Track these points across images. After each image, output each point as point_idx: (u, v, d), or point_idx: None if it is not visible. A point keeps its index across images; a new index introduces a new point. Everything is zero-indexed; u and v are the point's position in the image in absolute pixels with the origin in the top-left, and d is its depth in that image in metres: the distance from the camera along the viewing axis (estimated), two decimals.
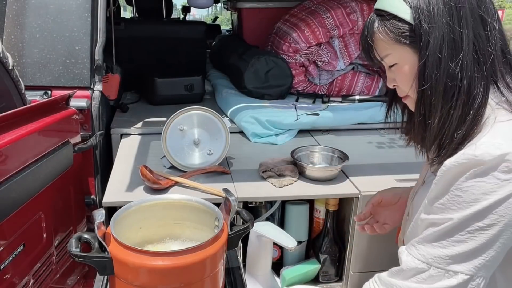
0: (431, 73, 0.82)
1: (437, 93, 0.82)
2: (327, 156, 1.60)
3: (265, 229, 1.31)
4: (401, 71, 0.89)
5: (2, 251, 1.04)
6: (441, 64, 0.81)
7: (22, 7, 1.58)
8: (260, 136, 1.84)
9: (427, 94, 0.84)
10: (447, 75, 0.81)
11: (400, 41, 0.86)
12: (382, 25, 0.88)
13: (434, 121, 0.84)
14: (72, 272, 1.48)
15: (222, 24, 8.26)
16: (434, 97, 0.83)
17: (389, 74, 0.95)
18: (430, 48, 0.82)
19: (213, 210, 0.99)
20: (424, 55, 0.83)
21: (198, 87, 2.27)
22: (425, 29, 0.82)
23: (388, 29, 0.87)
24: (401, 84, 0.91)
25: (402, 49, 0.87)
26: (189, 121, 1.54)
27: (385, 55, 0.90)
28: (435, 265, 0.81)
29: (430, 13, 0.82)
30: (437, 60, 0.81)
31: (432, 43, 0.81)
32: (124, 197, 1.32)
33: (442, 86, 0.82)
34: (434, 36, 0.81)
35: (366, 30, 0.92)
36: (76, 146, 1.48)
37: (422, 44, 0.83)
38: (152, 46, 2.59)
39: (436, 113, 0.83)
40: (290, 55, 2.25)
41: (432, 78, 0.82)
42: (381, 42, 0.89)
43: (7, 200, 1.05)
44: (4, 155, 1.04)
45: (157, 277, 0.83)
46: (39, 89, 1.58)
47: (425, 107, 0.85)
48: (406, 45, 0.86)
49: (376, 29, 0.89)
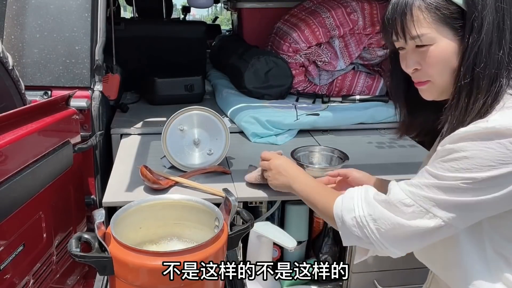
0: (484, 56, 0.82)
1: (487, 77, 0.82)
2: (327, 156, 1.60)
3: (265, 229, 1.31)
4: (434, 53, 0.86)
5: (2, 251, 1.04)
6: (491, 48, 0.82)
7: (22, 7, 1.58)
8: (260, 136, 1.84)
9: (477, 77, 0.83)
10: (493, 61, 0.82)
11: (447, 22, 0.84)
12: (426, 2, 0.85)
13: (478, 106, 0.83)
14: (72, 272, 1.48)
15: (222, 24, 8.25)
16: (483, 82, 0.82)
17: (412, 56, 0.90)
18: (484, 32, 0.81)
19: (213, 210, 0.99)
20: (477, 39, 0.82)
21: (198, 87, 2.27)
22: (479, 12, 0.81)
23: (435, 8, 0.84)
24: (429, 68, 0.88)
25: (444, 30, 0.85)
26: (189, 121, 1.54)
27: (422, 33, 0.86)
28: (419, 203, 0.83)
29: None
30: (489, 44, 0.82)
31: (486, 27, 0.81)
32: (124, 197, 1.32)
33: (490, 71, 0.82)
34: (487, 20, 0.81)
35: (405, 3, 0.87)
36: (76, 146, 1.48)
37: (475, 27, 0.82)
38: (152, 46, 2.59)
39: (481, 98, 0.82)
40: (290, 55, 2.25)
41: (483, 62, 0.82)
42: (421, 20, 0.86)
43: (7, 200, 1.05)
44: (4, 155, 1.04)
45: (157, 277, 0.83)
46: (39, 89, 1.58)
47: (472, 92, 0.83)
48: (450, 27, 0.85)
49: (419, 6, 0.86)
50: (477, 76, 0.83)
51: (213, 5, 4.37)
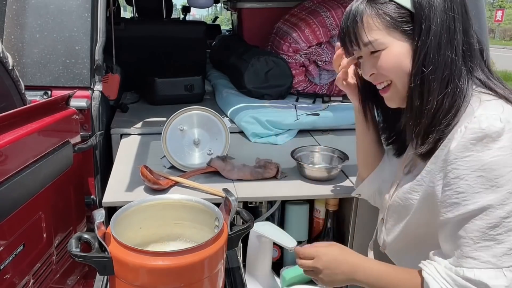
0: (433, 58, 0.84)
1: (437, 79, 0.84)
2: (327, 156, 1.60)
3: (265, 229, 1.31)
4: (387, 57, 0.88)
5: (2, 251, 1.04)
6: (440, 50, 0.84)
7: (22, 7, 1.58)
8: (260, 136, 1.84)
9: (427, 80, 0.85)
10: (445, 62, 0.84)
11: (397, 26, 0.86)
12: (375, 8, 0.87)
13: (432, 107, 0.85)
14: (72, 272, 1.48)
15: (222, 24, 8.26)
16: (433, 83, 0.84)
17: (367, 62, 0.93)
18: (432, 34, 0.83)
19: (213, 210, 0.99)
20: (425, 41, 0.84)
21: (198, 87, 2.27)
22: (427, 15, 0.84)
23: (383, 13, 0.87)
24: (385, 71, 0.90)
25: (395, 34, 0.87)
26: (189, 121, 1.54)
27: (373, 39, 0.88)
28: (505, 265, 0.74)
29: (430, 0, 0.84)
30: (437, 46, 0.83)
31: (434, 28, 0.83)
32: (124, 197, 1.32)
33: (441, 72, 0.84)
34: (435, 22, 0.83)
35: (355, 12, 0.90)
36: (76, 146, 1.48)
37: (423, 30, 0.84)
38: (152, 46, 2.59)
39: (433, 99, 0.85)
40: (290, 55, 2.25)
41: (433, 64, 0.84)
42: (371, 26, 0.88)
43: (7, 200, 1.05)
44: (4, 155, 1.04)
45: (157, 277, 0.83)
46: (39, 89, 1.58)
47: (423, 94, 0.86)
48: (400, 31, 0.87)
49: (369, 12, 0.88)
50: (427, 78, 0.85)
51: (213, 5, 4.37)
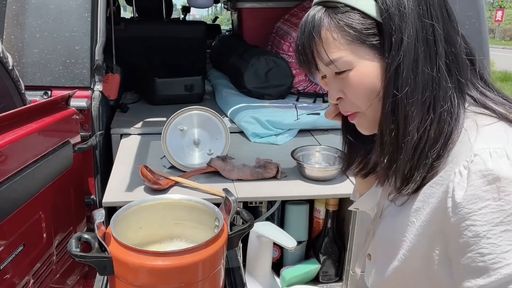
0: (407, 78, 0.66)
1: (415, 103, 0.67)
2: (327, 156, 1.60)
3: (265, 229, 1.31)
4: (355, 79, 0.71)
5: (2, 251, 1.04)
6: (417, 68, 0.67)
7: (22, 7, 1.58)
8: (260, 136, 1.84)
9: (402, 105, 0.67)
10: (424, 82, 0.67)
11: (361, 40, 0.69)
12: (335, 19, 0.69)
13: (412, 138, 0.68)
14: (72, 272, 1.48)
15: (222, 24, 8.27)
16: (410, 108, 0.67)
17: (333, 85, 0.75)
18: (404, 49, 0.66)
19: (213, 210, 0.99)
20: (396, 57, 0.67)
21: (198, 87, 2.27)
22: (397, 24, 0.66)
23: (345, 25, 0.69)
24: (354, 97, 0.73)
25: (361, 51, 0.69)
26: (189, 121, 1.54)
27: (336, 58, 0.70)
28: None
29: (400, 5, 0.66)
30: (412, 63, 0.66)
31: (407, 41, 0.66)
32: (124, 197, 1.32)
33: (420, 94, 0.67)
34: (408, 33, 0.66)
35: (311, 25, 0.72)
36: (76, 146, 1.48)
37: (393, 43, 0.67)
38: (152, 46, 2.59)
39: (413, 128, 0.67)
40: (290, 54, 2.25)
41: (409, 85, 0.67)
42: (331, 42, 0.70)
43: (7, 200, 1.05)
44: (4, 155, 1.04)
45: (157, 277, 0.83)
46: (39, 89, 1.58)
47: (399, 122, 0.68)
48: (367, 46, 0.69)
49: (327, 25, 0.70)
50: (401, 103, 0.67)
51: (213, 5, 4.37)
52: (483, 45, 1.78)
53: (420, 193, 0.71)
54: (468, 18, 1.76)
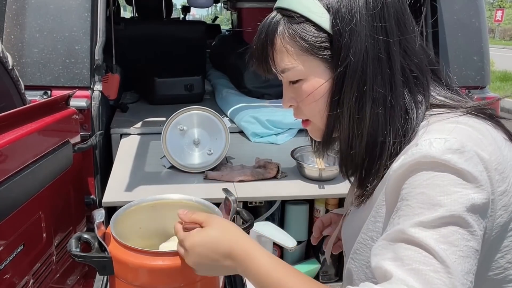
0: (351, 95, 0.66)
1: (362, 120, 0.66)
2: (327, 156, 1.60)
3: (265, 229, 1.31)
4: (306, 90, 0.70)
5: (2, 251, 1.04)
6: (365, 85, 0.65)
7: (22, 7, 1.58)
8: (260, 135, 1.84)
9: (345, 121, 0.67)
10: (373, 99, 0.66)
11: (313, 52, 0.68)
12: (289, 28, 0.68)
13: (360, 152, 0.68)
14: (72, 272, 1.48)
15: (222, 24, 8.26)
16: (353, 125, 0.67)
17: (287, 92, 0.75)
18: (351, 66, 0.65)
19: (213, 210, 0.99)
20: (342, 73, 0.66)
21: (198, 87, 2.27)
22: (346, 41, 0.65)
23: (298, 36, 0.68)
24: (304, 108, 0.73)
25: (313, 63, 0.69)
26: (189, 121, 1.54)
27: (287, 67, 0.70)
28: None
29: (351, 21, 0.65)
30: (359, 80, 0.65)
31: (352, 60, 0.65)
32: (124, 197, 1.32)
33: (368, 112, 0.66)
34: (355, 51, 0.65)
35: (265, 33, 0.71)
36: (76, 146, 1.48)
37: (341, 59, 0.65)
38: (152, 46, 2.59)
39: (361, 143, 0.68)
40: None
41: (354, 102, 0.66)
42: (283, 51, 0.70)
43: (7, 200, 1.05)
44: (4, 155, 1.04)
45: (157, 277, 0.83)
46: (39, 89, 1.58)
47: (341, 139, 0.70)
48: (319, 59, 0.68)
49: (281, 33, 0.69)
50: (344, 119, 0.67)
51: (213, 5, 4.37)
52: (483, 45, 1.78)
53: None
54: (468, 18, 1.76)
